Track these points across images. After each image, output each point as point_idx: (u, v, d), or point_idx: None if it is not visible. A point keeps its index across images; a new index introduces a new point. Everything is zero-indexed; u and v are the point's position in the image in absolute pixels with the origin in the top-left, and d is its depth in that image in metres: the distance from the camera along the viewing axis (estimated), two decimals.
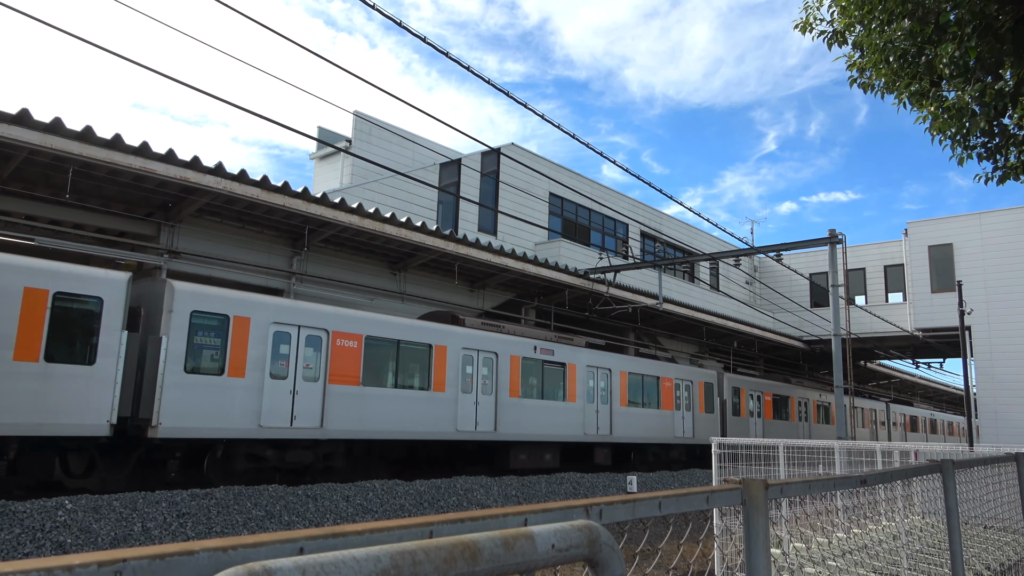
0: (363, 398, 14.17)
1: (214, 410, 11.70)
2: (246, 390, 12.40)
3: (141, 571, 0.94)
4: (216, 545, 1.04)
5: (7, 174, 12.89)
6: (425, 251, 18.31)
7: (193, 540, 1.51)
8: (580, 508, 1.82)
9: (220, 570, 1.01)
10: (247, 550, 1.08)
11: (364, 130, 24.07)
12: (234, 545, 1.06)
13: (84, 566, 0.89)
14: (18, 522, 7.40)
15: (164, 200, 14.75)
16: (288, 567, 1.04)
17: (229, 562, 1.04)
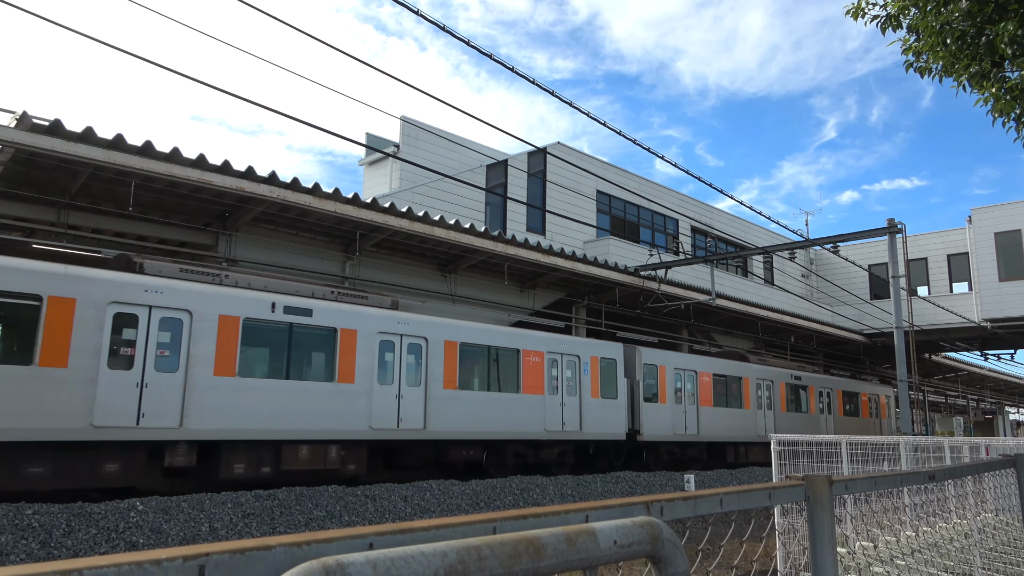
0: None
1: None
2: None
3: (222, 565, 0.99)
4: (291, 541, 1.08)
5: (75, 190, 13.46)
6: (474, 253, 18.43)
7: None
8: (641, 505, 1.82)
9: (295, 564, 1.05)
10: (320, 545, 1.11)
11: (411, 135, 24.35)
12: (308, 541, 1.10)
13: (170, 560, 0.93)
14: (94, 523, 7.73)
15: (221, 210, 15.18)
16: (360, 562, 1.07)
17: (303, 557, 1.07)
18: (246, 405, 11.75)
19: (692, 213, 31.38)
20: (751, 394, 23.43)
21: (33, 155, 12.24)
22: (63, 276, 10.66)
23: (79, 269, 10.96)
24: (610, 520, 1.63)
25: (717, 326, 28.42)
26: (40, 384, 9.81)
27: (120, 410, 10.43)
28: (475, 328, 16.08)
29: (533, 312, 21.66)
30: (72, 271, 10.85)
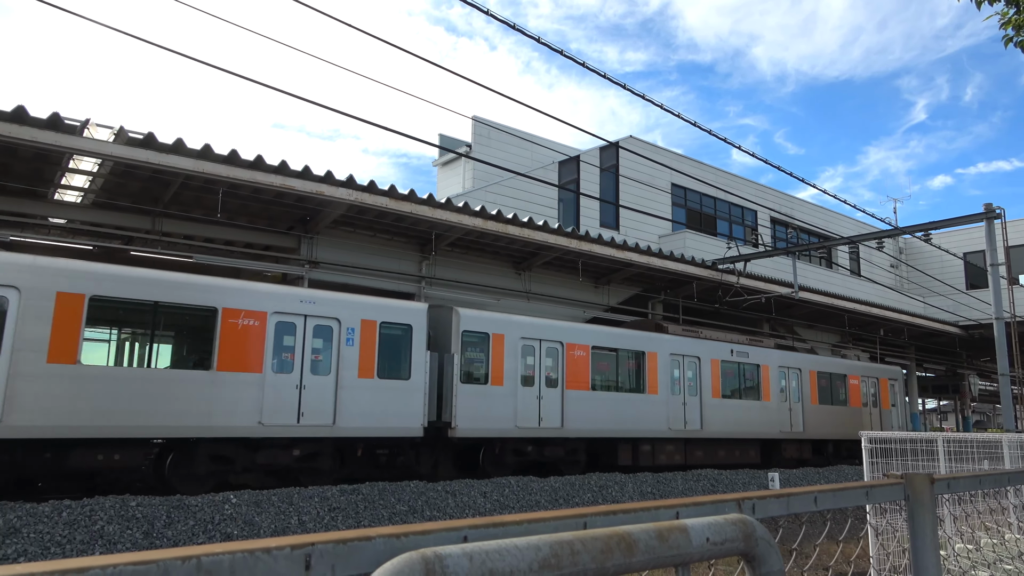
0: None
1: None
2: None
3: (327, 554, 1.02)
4: (390, 532, 1.11)
5: (167, 198, 14.17)
6: (548, 249, 18.43)
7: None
8: (732, 502, 1.78)
9: (395, 555, 1.07)
10: (417, 537, 1.13)
11: (483, 134, 24.54)
12: (406, 532, 1.12)
13: (279, 548, 0.97)
14: (191, 515, 8.14)
15: (303, 214, 15.69)
16: (456, 554, 1.09)
17: (402, 548, 1.10)
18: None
19: (771, 203, 30.46)
20: (660, 374, 17.49)
21: (129, 167, 12.95)
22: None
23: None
24: (701, 517, 1.61)
25: (801, 320, 27.51)
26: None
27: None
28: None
29: (608, 308, 21.50)
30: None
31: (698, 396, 18.38)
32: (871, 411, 23.93)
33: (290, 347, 12.32)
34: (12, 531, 7.12)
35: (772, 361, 20.78)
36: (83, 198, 14.49)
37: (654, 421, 17.15)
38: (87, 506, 7.88)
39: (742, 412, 19.49)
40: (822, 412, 22.04)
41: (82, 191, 14.30)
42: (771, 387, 20.51)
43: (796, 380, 21.43)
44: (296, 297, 12.68)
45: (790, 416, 20.89)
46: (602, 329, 17.49)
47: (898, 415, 24.94)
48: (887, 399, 24.81)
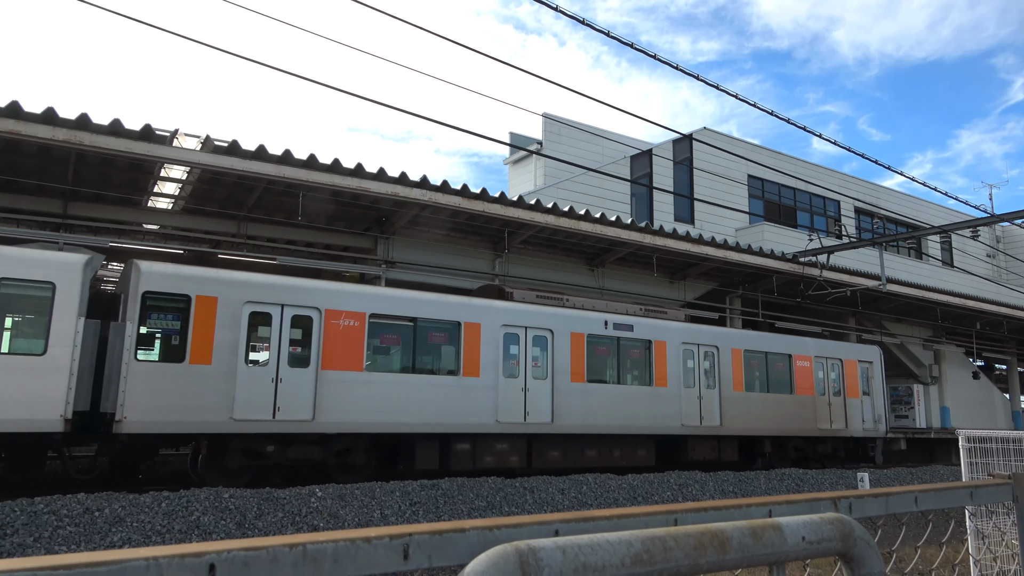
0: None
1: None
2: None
3: (423, 545, 1.04)
4: (483, 524, 1.12)
5: (251, 203, 14.74)
6: (621, 245, 18.25)
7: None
8: (827, 501, 1.72)
9: (489, 547, 1.08)
10: (509, 530, 1.14)
11: (553, 131, 24.51)
12: (499, 525, 1.13)
13: (379, 538, 1.00)
14: (280, 507, 8.45)
15: (378, 215, 16.05)
16: (549, 547, 1.09)
17: (495, 540, 1.11)
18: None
19: (855, 193, 29.28)
20: (486, 352, 13.52)
21: (215, 174, 13.54)
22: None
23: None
24: (796, 516, 1.56)
25: (889, 314, 26.35)
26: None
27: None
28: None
29: (684, 304, 21.13)
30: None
31: (549, 380, 14.10)
32: (830, 401, 18.78)
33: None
34: (117, 520, 7.57)
35: (671, 336, 16.09)
36: (174, 204, 15.23)
37: (474, 412, 13.01)
38: (184, 497, 8.29)
39: (620, 401, 14.88)
40: (752, 402, 17.04)
41: (173, 198, 15.04)
42: (669, 369, 15.76)
43: (711, 361, 16.65)
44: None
45: (699, 406, 16.10)
46: (383, 292, 13.32)
47: (871, 406, 19.80)
48: (854, 386, 19.55)
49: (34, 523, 7.26)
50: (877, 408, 20.02)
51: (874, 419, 19.81)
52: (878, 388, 20.32)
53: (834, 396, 18.94)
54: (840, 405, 19.02)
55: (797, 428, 17.91)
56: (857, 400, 19.48)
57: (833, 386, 19.08)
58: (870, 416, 19.74)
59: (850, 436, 19.06)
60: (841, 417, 18.92)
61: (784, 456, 17.93)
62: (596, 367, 15.12)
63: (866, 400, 19.81)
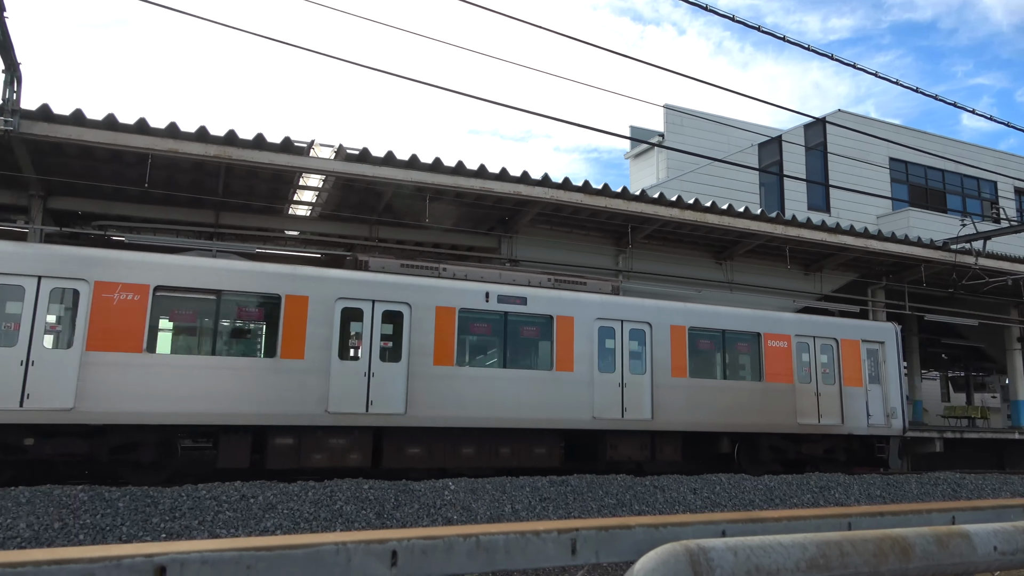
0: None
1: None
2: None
3: (590, 540, 1.03)
4: (648, 522, 1.09)
5: (381, 207, 15.36)
6: (751, 237, 17.55)
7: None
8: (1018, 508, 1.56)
9: (654, 545, 1.05)
10: (675, 528, 1.11)
11: (675, 122, 23.93)
12: (664, 523, 1.10)
13: (547, 532, 0.99)
14: (416, 499, 8.77)
15: (501, 214, 16.27)
16: (720, 548, 1.05)
17: (660, 538, 1.08)
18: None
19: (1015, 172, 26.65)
20: (314, 332, 11.37)
21: (348, 181, 14.21)
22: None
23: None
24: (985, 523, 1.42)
25: None
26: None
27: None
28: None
29: (821, 297, 20.03)
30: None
31: (403, 363, 11.80)
32: (818, 390, 15.10)
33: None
34: (269, 507, 8.12)
35: (581, 311, 13.32)
36: (312, 211, 16.13)
37: (297, 402, 10.94)
38: (328, 487, 8.77)
39: (505, 389, 12.39)
40: (701, 391, 13.91)
41: (311, 205, 15.92)
42: (577, 350, 13.05)
43: (640, 340, 13.69)
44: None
45: (621, 396, 13.21)
46: (174, 261, 11.04)
47: (882, 397, 15.84)
48: (854, 371, 15.60)
49: (198, 507, 7.91)
50: (890, 399, 15.87)
51: (885, 413, 15.76)
52: (892, 375, 16.07)
53: (825, 384, 15.22)
54: (833, 396, 15.23)
55: (769, 423, 14.38)
56: (859, 390, 15.56)
57: (823, 372, 15.34)
58: (879, 409, 15.74)
59: (848, 434, 15.25)
60: (834, 410, 15.10)
61: (756, 458, 14.47)
62: (473, 347, 13.01)
63: (874, 390, 15.82)
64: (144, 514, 7.81)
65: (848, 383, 15.47)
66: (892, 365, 16.14)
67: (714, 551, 1.03)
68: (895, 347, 16.33)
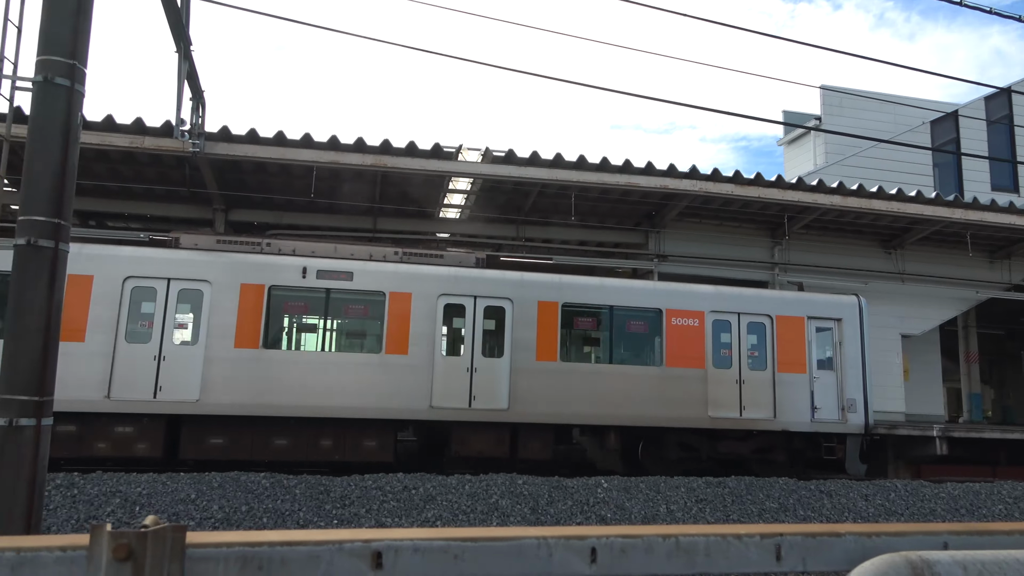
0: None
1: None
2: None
3: (796, 546, 0.97)
4: (860, 530, 1.01)
5: (528, 207, 15.57)
6: (924, 223, 16.12)
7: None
8: None
9: (867, 554, 0.98)
10: (890, 538, 1.02)
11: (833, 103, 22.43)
12: (877, 532, 1.02)
13: (750, 536, 0.94)
14: (569, 495, 8.80)
15: (648, 209, 15.99)
16: (947, 562, 0.96)
17: (873, 548, 1.00)
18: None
19: None
20: (97, 313, 10.67)
21: (495, 182, 14.54)
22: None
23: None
24: None
25: None
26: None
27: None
28: None
29: (1011, 287, 18.03)
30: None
31: (201, 345, 10.73)
32: (741, 377, 12.64)
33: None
34: (429, 498, 8.46)
35: (422, 286, 11.82)
36: (461, 213, 16.64)
37: (76, 386, 10.08)
38: (483, 481, 9.01)
39: (324, 373, 11.16)
40: (577, 377, 12.03)
41: (460, 207, 16.44)
42: (413, 331, 11.54)
43: (498, 319, 12.10)
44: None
45: (469, 382, 11.65)
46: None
47: (836, 386, 13.06)
48: (794, 355, 12.91)
49: (365, 496, 8.39)
50: (848, 390, 13.01)
51: (840, 405, 12.93)
52: (852, 359, 13.20)
53: (751, 371, 12.75)
54: (763, 384, 12.71)
55: (669, 416, 12.22)
56: (801, 377, 12.87)
57: (751, 355, 12.89)
58: (831, 401, 12.94)
59: (783, 430, 12.65)
60: (763, 402, 12.57)
61: (660, 457, 12.47)
62: (287, 328, 11.94)
63: (824, 377, 13.06)
64: (318, 501, 8.38)
65: (785, 369, 12.79)
66: (852, 347, 13.21)
67: (940, 565, 0.93)
68: (857, 326, 13.32)
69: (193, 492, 7.96)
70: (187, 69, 11.66)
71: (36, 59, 5.80)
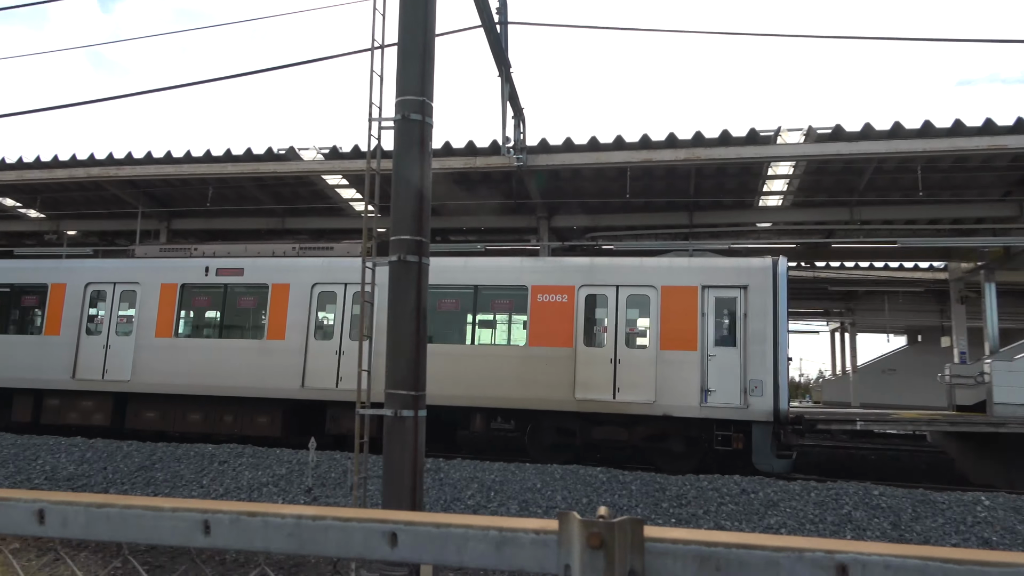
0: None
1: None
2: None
3: None
4: None
5: (862, 186, 14.01)
6: None
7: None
8: None
9: None
10: None
11: None
12: None
13: None
14: (940, 512, 7.63)
15: (1020, 175, 13.36)
16: None
17: None
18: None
19: None
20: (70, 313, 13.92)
21: (821, 163, 13.33)
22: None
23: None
24: None
25: None
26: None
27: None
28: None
29: None
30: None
31: (132, 336, 13.40)
32: (617, 355, 11.40)
33: None
34: (771, 504, 7.97)
35: (297, 276, 12.81)
36: (783, 200, 15.58)
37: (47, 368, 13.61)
38: (832, 489, 8.24)
39: (222, 357, 12.85)
40: (450, 359, 11.59)
41: (782, 194, 15.40)
42: (290, 318, 12.63)
43: (127, 302, 13.53)
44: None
45: (337, 364, 12.22)
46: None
47: (739, 365, 10.51)
48: (686, 331, 11.17)
49: (702, 497, 8.20)
50: (752, 370, 10.80)
51: (741, 388, 10.81)
52: (758, 335, 10.92)
53: (629, 348, 11.48)
54: (643, 363, 11.29)
55: (533, 398, 11.41)
56: (691, 355, 11.16)
57: (630, 331, 11.61)
58: (730, 383, 10.88)
59: (664, 415, 10.98)
60: (643, 383, 11.18)
61: (538, 441, 11.65)
62: (194, 319, 13.67)
63: (722, 355, 11.03)
64: (654, 498, 8.41)
65: (670, 345, 11.29)
66: (761, 320, 10.97)
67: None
68: (769, 294, 11.03)
69: (538, 482, 8.51)
70: (508, 90, 12.64)
71: (395, 100, 6.71)
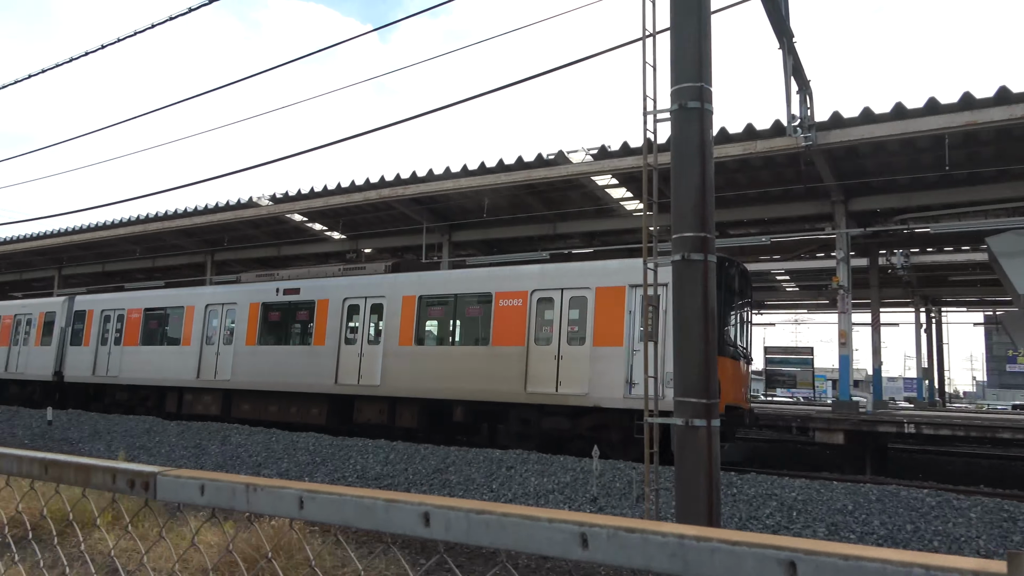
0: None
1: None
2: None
3: None
4: None
5: None
6: None
7: None
8: None
9: None
10: None
11: None
12: None
13: None
14: None
15: None
16: None
17: None
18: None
19: None
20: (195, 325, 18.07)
21: None
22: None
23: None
24: None
25: None
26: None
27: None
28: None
29: None
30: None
31: (232, 345, 17.05)
32: (560, 353, 12.66)
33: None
34: None
35: (334, 293, 15.71)
36: None
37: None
38: None
39: (287, 361, 16.01)
40: (426, 359, 14.33)
41: None
42: (329, 326, 15.47)
43: (379, 314, 15.10)
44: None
45: (359, 364, 14.88)
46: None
47: (656, 358, 7.47)
48: (614, 328, 12.19)
49: None
50: (669, 362, 8.74)
51: (661, 380, 9.21)
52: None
53: (570, 345, 12.45)
54: (580, 359, 12.21)
55: (495, 391, 12.85)
56: (618, 350, 11.87)
57: (571, 330, 12.52)
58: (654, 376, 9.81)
59: (595, 406, 11.84)
60: (579, 377, 12.10)
61: (507, 431, 13.10)
62: (269, 331, 16.66)
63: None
64: (1001, 528, 6.98)
65: (602, 342, 12.11)
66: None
67: None
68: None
69: (850, 503, 7.50)
70: (792, 63, 11.50)
71: (670, 89, 6.31)
